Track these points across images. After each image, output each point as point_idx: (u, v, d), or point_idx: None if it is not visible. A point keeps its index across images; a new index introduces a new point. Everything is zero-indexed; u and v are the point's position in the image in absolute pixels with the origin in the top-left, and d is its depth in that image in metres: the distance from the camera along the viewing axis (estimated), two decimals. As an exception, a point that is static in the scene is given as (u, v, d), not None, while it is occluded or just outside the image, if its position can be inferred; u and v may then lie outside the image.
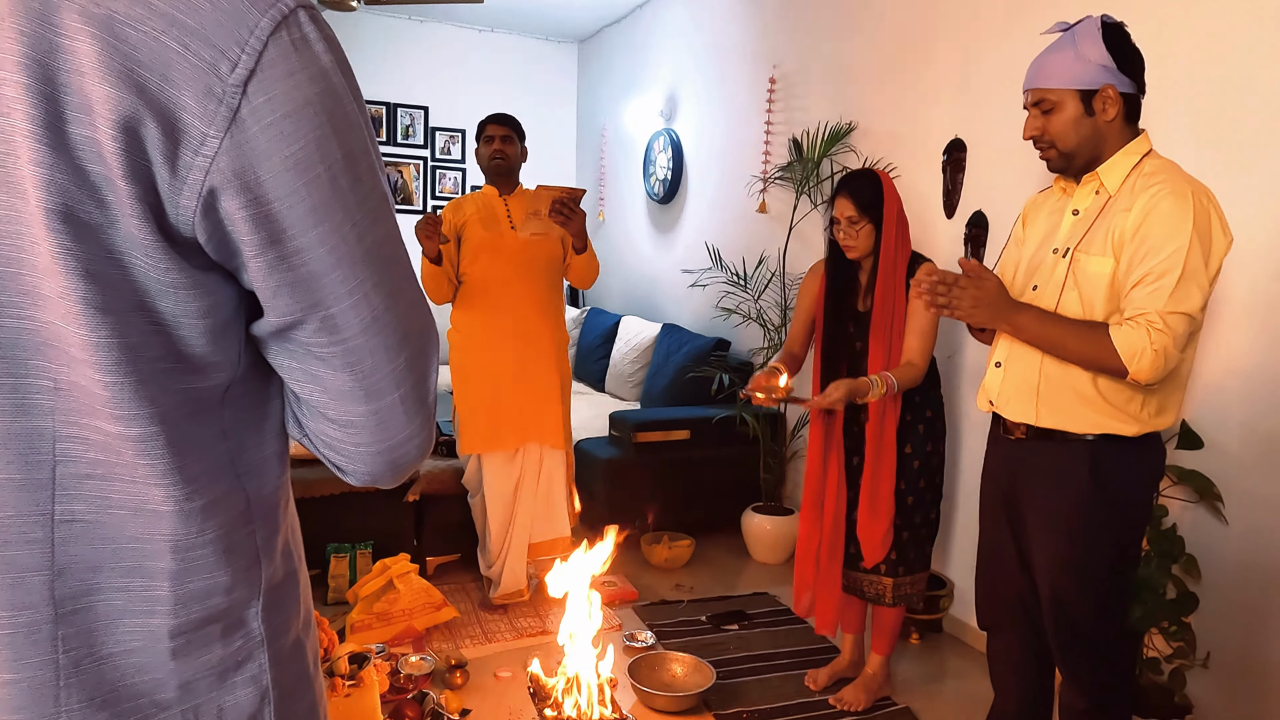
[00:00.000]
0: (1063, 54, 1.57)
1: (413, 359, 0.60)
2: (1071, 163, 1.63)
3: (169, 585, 0.56)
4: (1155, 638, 2.13)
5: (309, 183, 0.52)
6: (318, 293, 0.55)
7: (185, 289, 0.53)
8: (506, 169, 2.84)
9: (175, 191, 0.50)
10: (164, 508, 0.55)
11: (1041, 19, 2.37)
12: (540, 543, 2.94)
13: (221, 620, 0.59)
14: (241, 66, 0.49)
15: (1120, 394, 1.59)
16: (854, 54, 3.37)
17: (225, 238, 0.53)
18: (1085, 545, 1.64)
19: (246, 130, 0.50)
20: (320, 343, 0.57)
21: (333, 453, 0.63)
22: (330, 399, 0.59)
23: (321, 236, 0.54)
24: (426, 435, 0.63)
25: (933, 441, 2.29)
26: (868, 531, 2.27)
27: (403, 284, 0.60)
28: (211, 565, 0.58)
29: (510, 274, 2.77)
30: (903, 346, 2.23)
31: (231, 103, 0.49)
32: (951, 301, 1.60)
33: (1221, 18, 2.07)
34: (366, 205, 0.56)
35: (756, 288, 3.69)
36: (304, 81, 0.52)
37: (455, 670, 2.42)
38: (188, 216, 0.51)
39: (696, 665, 2.45)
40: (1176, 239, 1.47)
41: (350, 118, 0.55)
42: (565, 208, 2.58)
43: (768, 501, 3.60)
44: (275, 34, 0.51)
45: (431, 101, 5.69)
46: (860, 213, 2.23)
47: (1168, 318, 1.47)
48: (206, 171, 0.50)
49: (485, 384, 2.79)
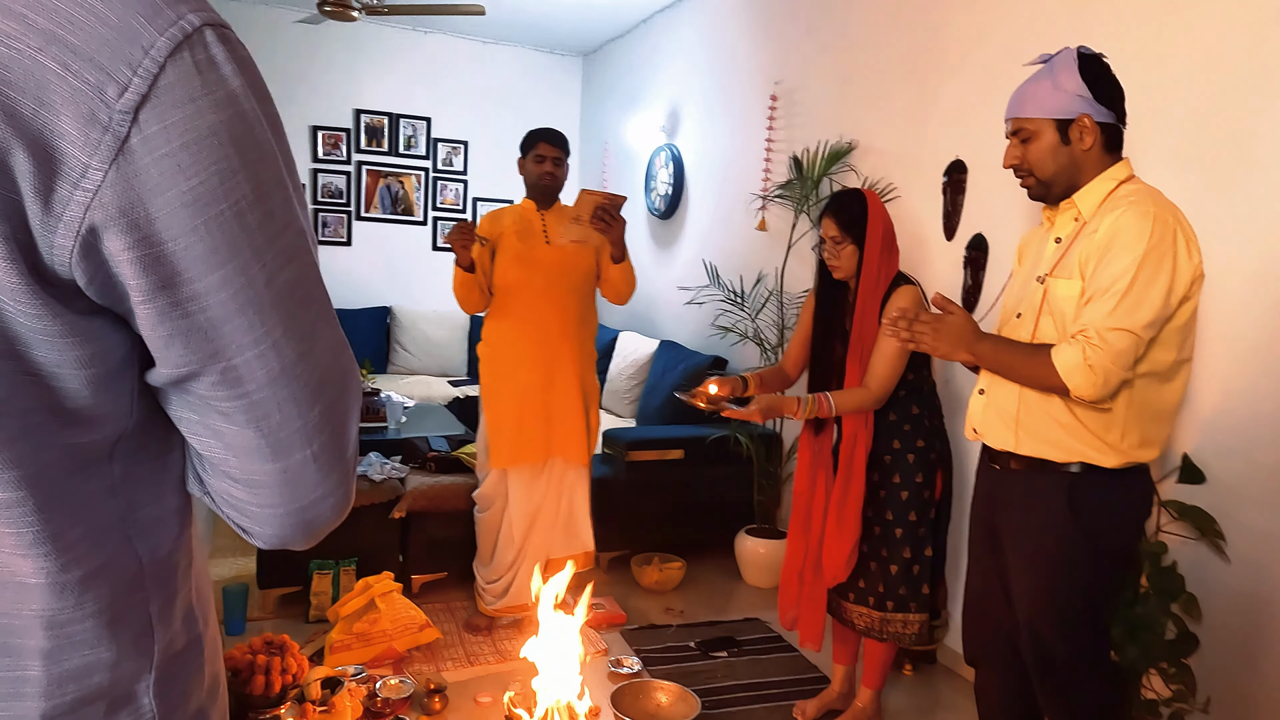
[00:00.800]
0: (1041, 84, 1.59)
1: (328, 410, 0.55)
2: (1050, 190, 1.64)
3: (40, 665, 0.51)
4: (1154, 679, 2.07)
5: (209, 221, 0.47)
6: (217, 342, 0.49)
7: (61, 336, 0.47)
8: (554, 189, 2.82)
9: (49, 230, 0.44)
10: (34, 580, 0.49)
11: (1044, 42, 2.33)
12: (559, 558, 2.89)
13: (104, 698, 0.53)
14: (132, 91, 0.44)
15: (1098, 421, 1.57)
16: (856, 73, 3.34)
17: (109, 280, 0.47)
18: (1061, 579, 1.62)
19: (136, 162, 0.44)
20: (220, 396, 0.51)
21: (237, 514, 0.57)
22: (233, 456, 0.53)
23: (223, 280, 0.48)
24: (343, 493, 0.57)
25: (924, 473, 2.23)
26: (831, 550, 2.25)
27: (319, 328, 0.54)
28: (92, 640, 0.52)
29: (543, 287, 2.74)
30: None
31: (119, 131, 0.44)
32: (915, 336, 1.64)
33: (1212, 45, 2.03)
34: (278, 244, 0.50)
35: (754, 306, 3.64)
36: (207, 108, 0.46)
37: (434, 695, 2.36)
38: (64, 257, 0.45)
39: (681, 695, 2.39)
40: (1130, 254, 1.47)
41: (262, 147, 0.49)
42: (607, 214, 2.57)
43: (761, 524, 3.54)
44: (175, 55, 0.45)
45: (434, 113, 5.68)
46: (843, 233, 2.20)
47: (1107, 334, 1.46)
48: (86, 207, 0.44)
49: (514, 397, 2.75)
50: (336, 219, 5.56)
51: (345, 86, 5.46)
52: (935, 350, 1.64)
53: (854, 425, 2.23)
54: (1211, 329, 2.06)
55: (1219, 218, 2.03)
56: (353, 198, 5.58)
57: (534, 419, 2.75)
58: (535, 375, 2.74)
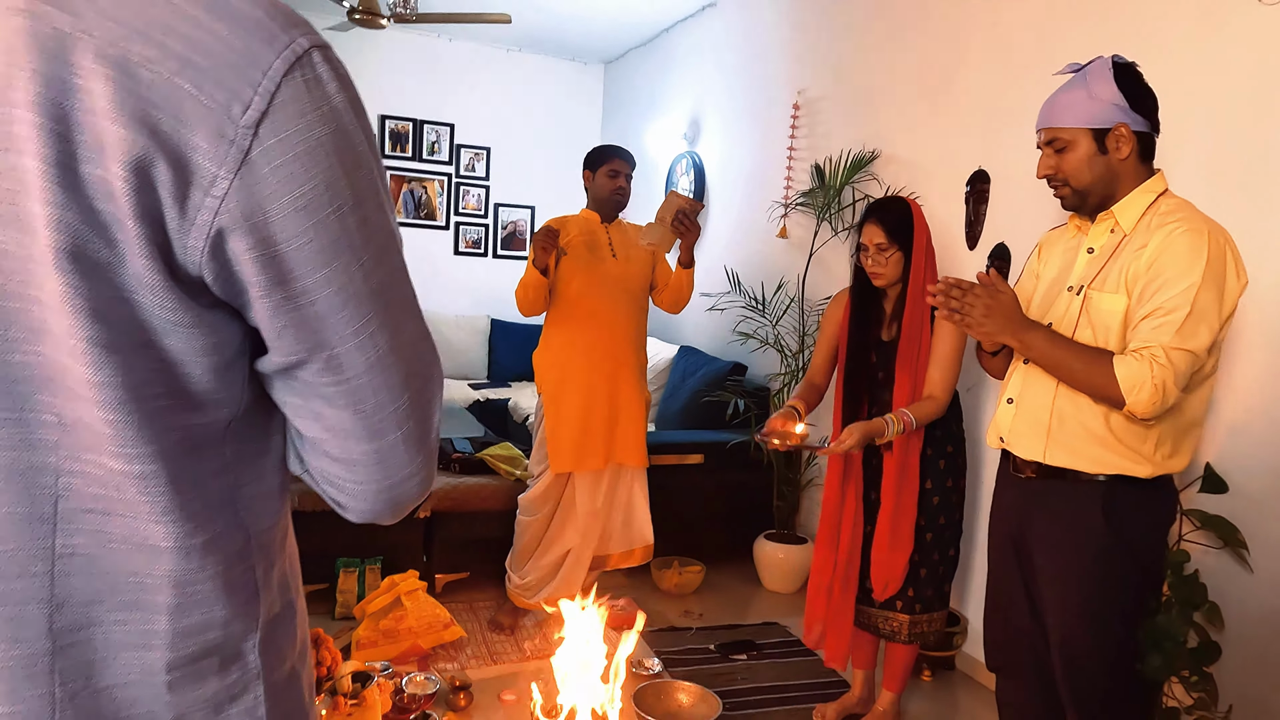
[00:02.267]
0: (1075, 93, 1.58)
1: (416, 398, 0.60)
2: (1086, 201, 1.63)
3: (167, 620, 0.56)
4: (1175, 687, 2.08)
5: (317, 224, 0.52)
6: (323, 333, 0.55)
7: (190, 327, 0.52)
8: (623, 205, 2.91)
9: (184, 232, 0.50)
10: (164, 544, 0.55)
11: (1067, 52, 2.35)
12: (616, 554, 2.97)
13: (218, 654, 0.59)
14: (254, 109, 0.49)
15: (1133, 433, 1.56)
16: (879, 82, 3.36)
17: (232, 277, 0.52)
18: (1098, 591, 1.61)
19: (256, 171, 0.50)
20: (324, 381, 0.56)
21: (334, 489, 0.62)
22: (332, 436, 0.59)
23: (329, 277, 0.53)
24: (427, 473, 0.63)
25: (953, 477, 2.26)
26: (886, 565, 2.24)
27: (407, 322, 0.59)
28: (210, 600, 0.58)
29: (608, 299, 2.81)
30: (925, 378, 2.21)
31: (243, 144, 0.49)
32: (964, 308, 1.59)
33: (1239, 54, 2.04)
34: (373, 245, 0.56)
35: (775, 313, 3.67)
36: (315, 122, 0.52)
37: (459, 691, 2.40)
38: (195, 257, 0.51)
39: (703, 695, 2.42)
40: (1190, 276, 1.46)
41: (360, 158, 0.55)
42: (688, 219, 2.65)
43: (780, 530, 3.56)
44: (289, 75, 0.50)
45: (458, 119, 5.75)
46: (889, 239, 2.21)
47: (1171, 353, 1.46)
48: (215, 212, 0.50)
49: (579, 404, 2.80)
50: (360, 223, 5.62)
51: (371, 92, 5.53)
52: (981, 328, 1.58)
53: (905, 436, 2.21)
54: (1235, 340, 2.07)
55: (1242, 228, 2.04)
56: (377, 202, 5.64)
57: (599, 425, 2.81)
58: (601, 382, 2.80)
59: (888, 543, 2.23)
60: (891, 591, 2.25)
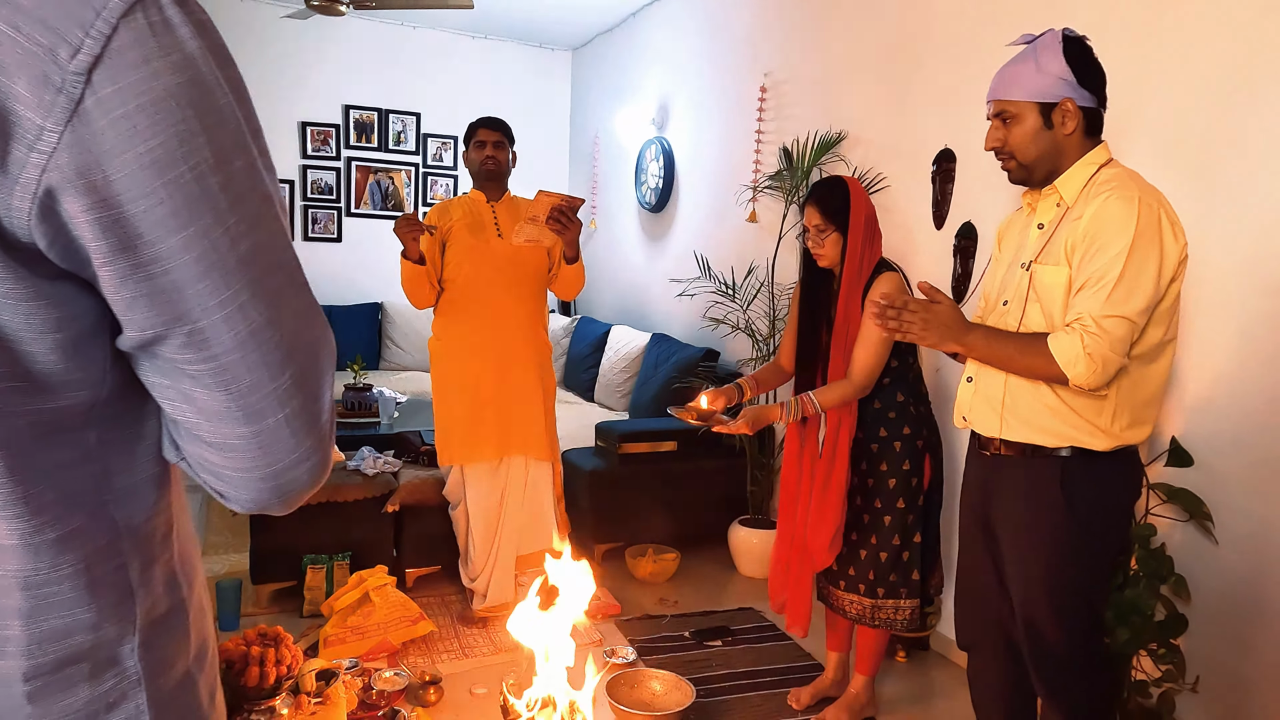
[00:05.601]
0: (1024, 66, 1.58)
1: (301, 375, 0.55)
2: (1031, 175, 1.64)
3: (20, 624, 0.51)
4: (1144, 660, 2.09)
5: (168, 183, 0.47)
6: (181, 304, 0.49)
7: (27, 300, 0.47)
8: (498, 174, 2.79)
9: (6, 191, 0.45)
10: (8, 541, 0.50)
11: (1031, 29, 2.33)
12: (529, 555, 2.88)
13: (87, 660, 0.54)
14: (84, 52, 0.44)
15: (1087, 406, 1.57)
16: (845, 63, 3.34)
17: (71, 243, 0.47)
18: (1059, 564, 1.62)
19: (92, 124, 0.44)
20: (188, 359, 0.51)
21: (213, 478, 0.57)
22: (205, 420, 0.53)
23: (185, 243, 0.48)
24: (319, 458, 0.57)
25: (911, 460, 2.24)
26: (814, 535, 2.26)
27: (288, 293, 0.54)
28: (71, 601, 0.53)
29: (494, 282, 2.72)
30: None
31: (73, 92, 0.44)
32: (903, 325, 1.62)
33: (1200, 27, 2.04)
34: (241, 209, 0.50)
35: (745, 298, 3.65)
36: (163, 70, 0.46)
37: (429, 686, 2.37)
38: (23, 219, 0.45)
39: (676, 683, 2.40)
40: (1119, 242, 1.47)
41: (223, 111, 0.49)
42: (564, 216, 2.55)
43: (754, 515, 3.55)
44: (128, 16, 0.45)
45: (423, 108, 5.66)
46: (826, 220, 2.21)
47: (1103, 321, 1.47)
48: (43, 169, 0.44)
49: (465, 394, 2.73)
50: (326, 215, 5.53)
51: (333, 82, 5.43)
52: (923, 340, 1.63)
53: (837, 413, 2.23)
54: (1200, 314, 2.08)
55: (1208, 203, 2.05)
56: (342, 194, 5.55)
57: (488, 416, 2.73)
58: (489, 371, 2.72)
59: (816, 514, 2.25)
60: (827, 563, 2.26)
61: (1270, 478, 1.93)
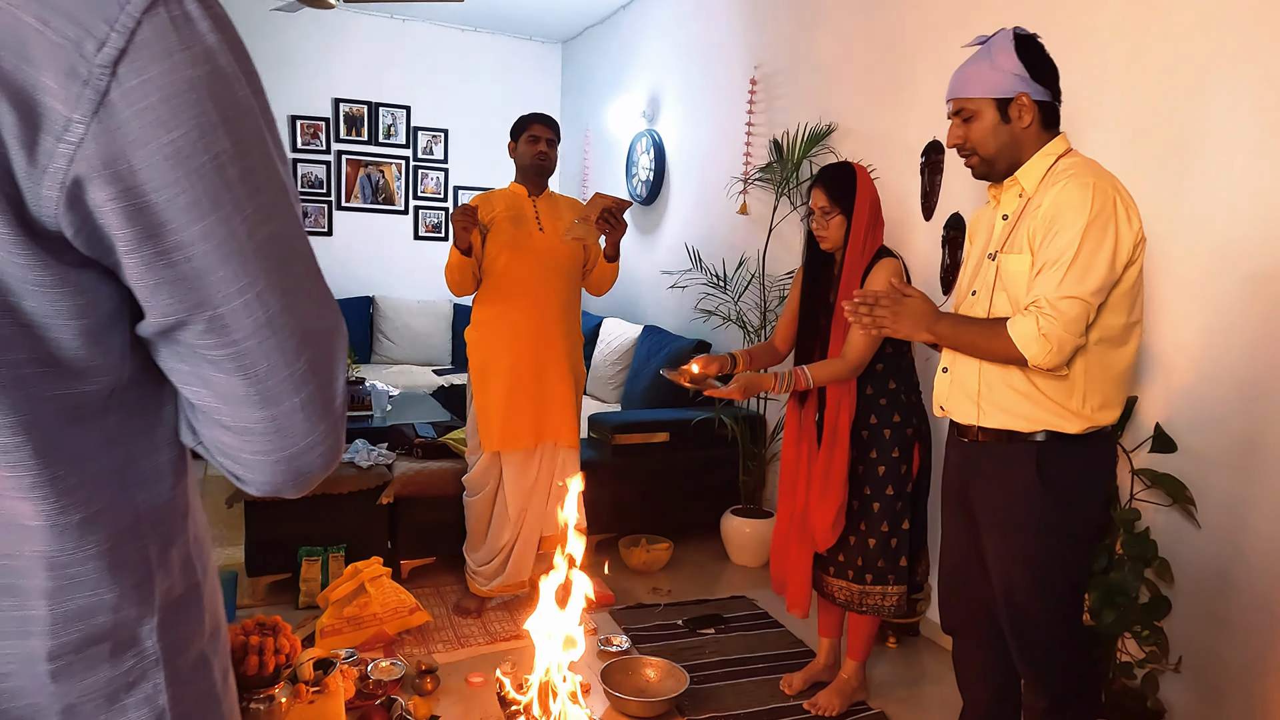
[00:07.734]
0: (979, 65, 1.64)
1: (316, 361, 0.57)
2: (993, 168, 1.69)
3: (45, 604, 0.53)
4: (1128, 642, 2.13)
5: (190, 173, 0.48)
6: (202, 291, 0.51)
7: (53, 287, 0.49)
8: (547, 170, 2.85)
9: (35, 181, 0.46)
10: (34, 522, 0.51)
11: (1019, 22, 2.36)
12: (552, 535, 2.91)
13: (109, 639, 0.55)
14: (110, 45, 0.45)
15: (1057, 389, 1.62)
16: (835, 56, 3.36)
17: (96, 231, 0.49)
18: (1036, 545, 1.67)
19: (117, 115, 0.46)
20: (208, 344, 0.53)
21: (230, 461, 0.59)
22: (223, 404, 0.55)
23: (206, 231, 0.50)
24: (332, 443, 0.59)
25: (900, 447, 2.27)
26: (816, 516, 2.29)
27: (304, 282, 0.56)
28: (94, 582, 0.54)
29: (534, 275, 2.76)
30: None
31: (99, 85, 0.45)
32: (876, 319, 1.68)
33: (1168, 17, 2.07)
34: (260, 198, 0.52)
35: (736, 289, 3.67)
36: (184, 63, 0.48)
37: (425, 675, 2.39)
38: (51, 208, 0.47)
39: (670, 670, 2.43)
40: (1075, 226, 1.52)
41: (241, 104, 0.51)
42: (614, 217, 2.62)
43: (747, 504, 3.59)
44: (150, 11, 0.46)
45: (414, 101, 5.65)
46: (832, 203, 2.24)
47: (1058, 302, 1.52)
48: (71, 159, 0.46)
49: (505, 382, 2.76)
50: (317, 209, 5.52)
51: (323, 75, 5.42)
52: (896, 332, 1.69)
53: (837, 394, 2.26)
54: (1181, 301, 2.11)
55: (1180, 190, 2.08)
56: (333, 187, 5.54)
57: (526, 403, 2.77)
58: (526, 360, 2.76)
59: (819, 494, 2.28)
60: (830, 543, 2.29)
61: (1248, 458, 1.97)
